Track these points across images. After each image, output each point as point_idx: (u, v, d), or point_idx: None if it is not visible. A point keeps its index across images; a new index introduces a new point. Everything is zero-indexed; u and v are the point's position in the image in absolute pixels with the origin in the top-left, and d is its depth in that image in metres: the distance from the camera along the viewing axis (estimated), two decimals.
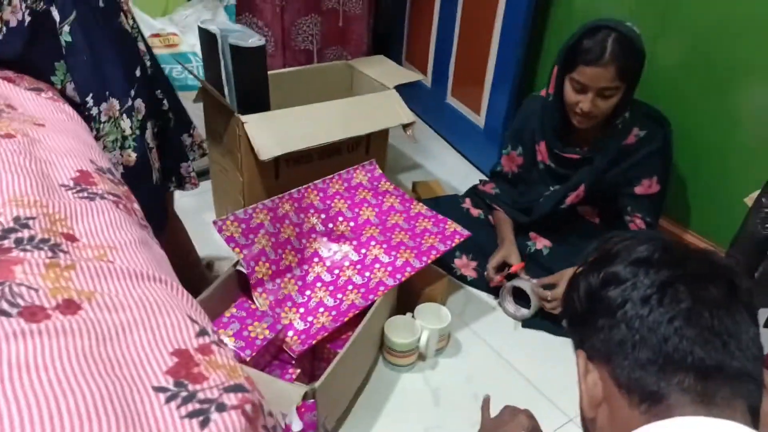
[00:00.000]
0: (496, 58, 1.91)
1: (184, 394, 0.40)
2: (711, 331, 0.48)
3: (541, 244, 1.55)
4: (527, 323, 1.44)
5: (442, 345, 1.35)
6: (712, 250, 0.53)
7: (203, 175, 1.85)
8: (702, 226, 1.56)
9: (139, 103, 1.03)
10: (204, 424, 0.38)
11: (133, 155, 1.03)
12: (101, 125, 0.98)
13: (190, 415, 0.39)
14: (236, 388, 0.41)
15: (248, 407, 0.40)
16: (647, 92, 1.48)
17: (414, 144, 2.21)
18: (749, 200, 1.19)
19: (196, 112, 1.67)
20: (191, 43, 1.94)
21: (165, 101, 1.20)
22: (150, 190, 1.09)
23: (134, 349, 0.42)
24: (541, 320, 1.44)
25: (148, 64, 1.07)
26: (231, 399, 0.40)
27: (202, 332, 0.47)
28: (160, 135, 1.19)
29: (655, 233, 0.57)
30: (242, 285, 1.25)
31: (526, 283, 1.41)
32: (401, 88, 1.64)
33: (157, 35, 1.90)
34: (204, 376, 0.41)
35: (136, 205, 0.69)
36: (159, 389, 0.40)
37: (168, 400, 0.39)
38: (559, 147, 1.45)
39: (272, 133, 1.38)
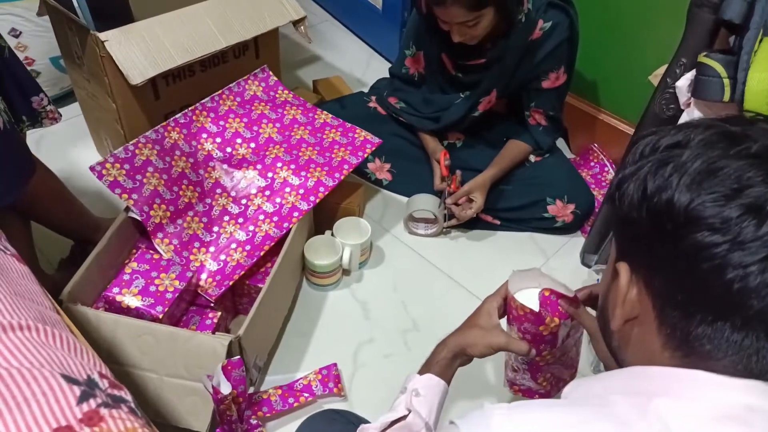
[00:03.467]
0: None
1: None
2: None
3: (454, 137, 1.51)
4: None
5: (364, 257, 1.33)
6: None
7: (68, 96, 1.61)
8: (614, 105, 1.56)
9: None
10: None
11: None
12: None
13: None
14: None
15: None
16: None
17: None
18: (653, 78, 1.17)
19: (45, 23, 1.40)
20: None
21: None
22: None
23: None
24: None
25: None
26: None
27: (86, 394, 0.38)
28: None
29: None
30: (140, 228, 1.13)
31: (428, 212, 1.36)
32: None
33: None
34: None
35: None
36: None
37: None
38: (461, 57, 1.32)
39: (141, 50, 1.18)
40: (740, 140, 0.43)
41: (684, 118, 1.05)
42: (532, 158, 1.44)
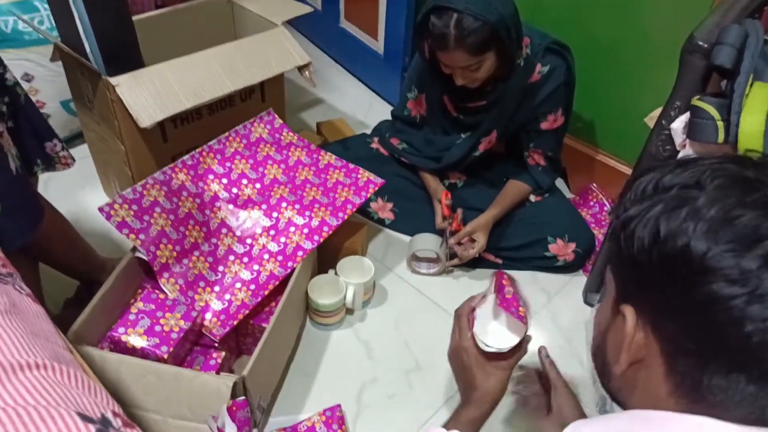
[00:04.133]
0: None
1: None
2: None
3: (455, 177, 1.53)
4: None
5: (368, 296, 1.33)
6: None
7: (77, 138, 1.65)
8: (611, 146, 1.59)
9: None
10: None
11: None
12: None
13: None
14: None
15: None
16: (544, 17, 1.43)
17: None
18: (649, 120, 1.20)
19: (57, 68, 1.44)
20: None
21: (7, 73, 1.01)
22: (9, 182, 0.93)
23: None
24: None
25: None
26: None
27: None
28: (11, 114, 1.01)
29: None
30: (146, 268, 1.14)
31: (431, 251, 1.38)
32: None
33: None
34: None
35: None
36: None
37: None
38: (463, 99, 1.36)
39: (150, 94, 1.21)
40: (756, 187, 0.43)
41: None
42: (533, 198, 1.47)
